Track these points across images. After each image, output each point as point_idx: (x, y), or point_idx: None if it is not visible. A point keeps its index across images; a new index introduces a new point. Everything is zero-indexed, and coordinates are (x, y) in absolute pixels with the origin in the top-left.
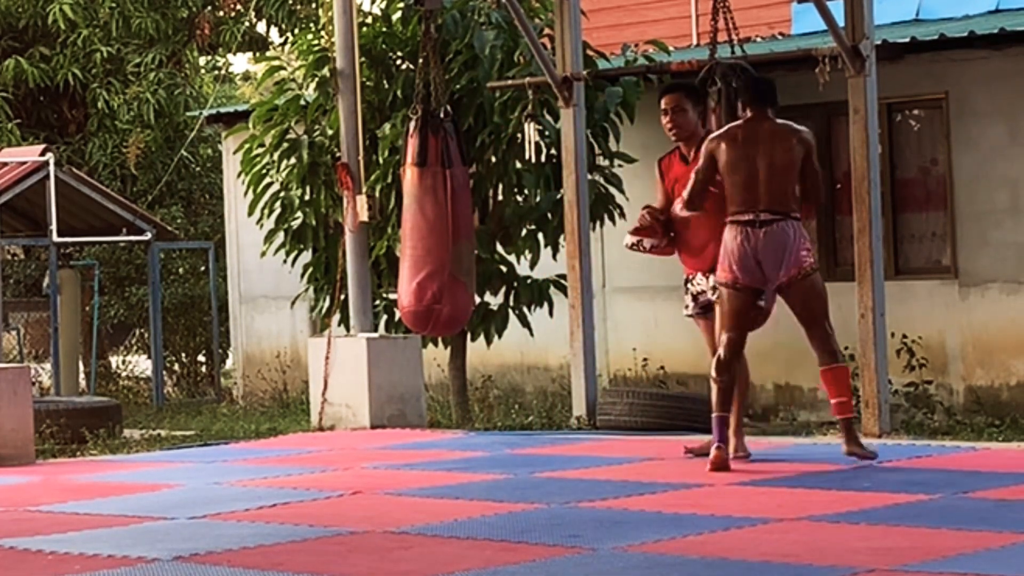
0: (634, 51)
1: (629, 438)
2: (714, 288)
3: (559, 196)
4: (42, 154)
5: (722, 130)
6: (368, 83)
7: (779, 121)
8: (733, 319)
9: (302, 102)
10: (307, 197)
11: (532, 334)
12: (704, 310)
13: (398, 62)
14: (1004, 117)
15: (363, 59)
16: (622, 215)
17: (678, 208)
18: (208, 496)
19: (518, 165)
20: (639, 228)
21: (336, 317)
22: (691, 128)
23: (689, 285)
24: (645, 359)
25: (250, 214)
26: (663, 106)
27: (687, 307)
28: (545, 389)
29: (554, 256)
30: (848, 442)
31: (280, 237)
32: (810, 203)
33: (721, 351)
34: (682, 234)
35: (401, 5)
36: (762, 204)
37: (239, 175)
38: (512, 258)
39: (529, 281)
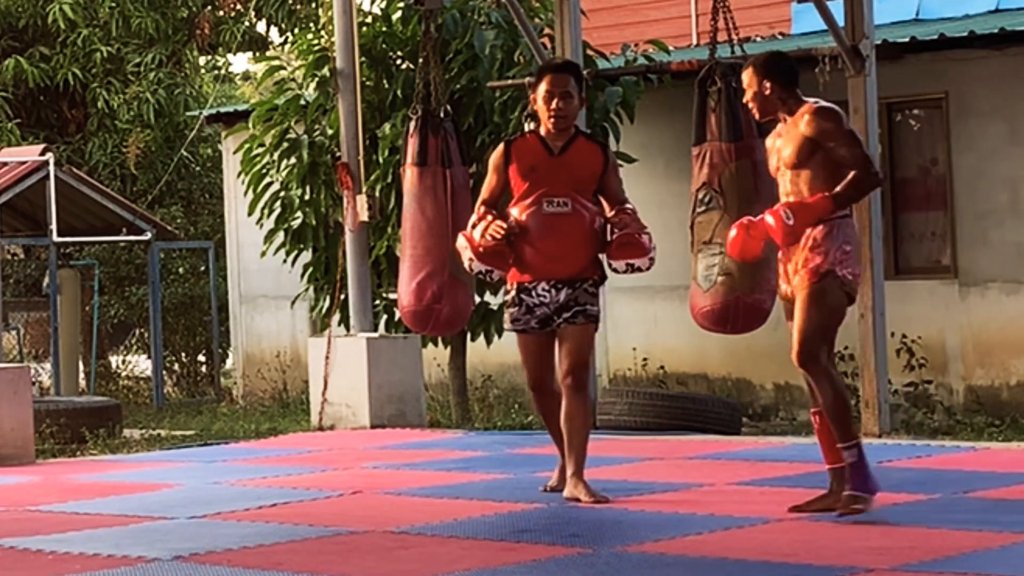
0: (634, 51)
1: (629, 438)
2: (584, 302)
3: None
4: (42, 154)
5: (832, 107)
6: (368, 83)
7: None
8: (836, 329)
9: (302, 102)
10: (307, 197)
11: None
12: (542, 325)
13: (398, 62)
14: (1004, 117)
15: (363, 59)
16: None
17: (608, 217)
18: (208, 496)
19: None
20: (487, 255)
21: (336, 317)
22: (574, 117)
23: (527, 296)
24: (645, 359)
25: (250, 214)
26: (552, 87)
27: (517, 321)
28: None
29: None
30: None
31: (280, 237)
32: None
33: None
34: (543, 238)
35: (401, 5)
36: None
37: (239, 175)
38: None
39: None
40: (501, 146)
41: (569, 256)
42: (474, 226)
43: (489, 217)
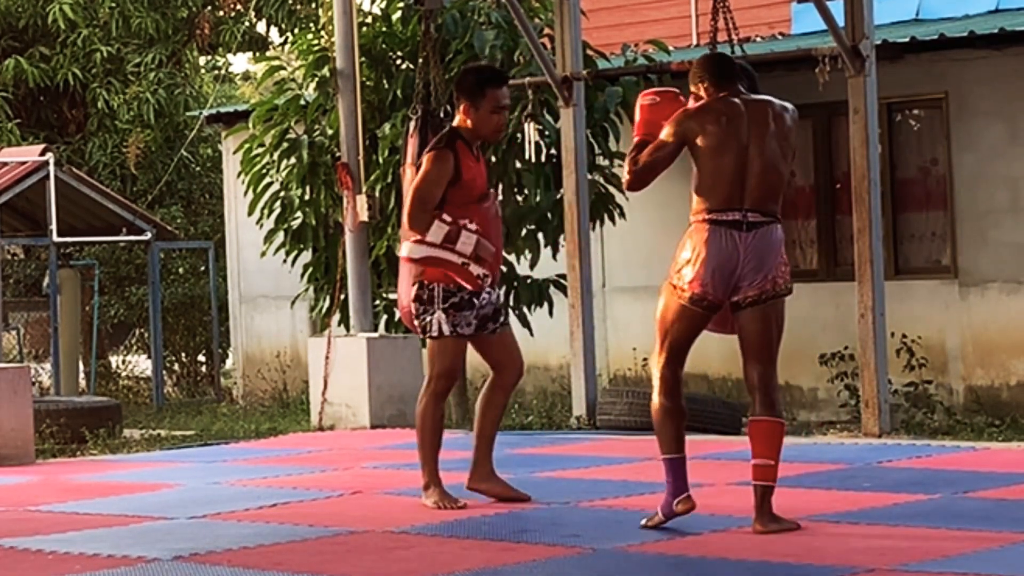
0: (634, 51)
1: (629, 438)
2: (501, 303)
3: (559, 196)
4: (42, 154)
5: (699, 106)
6: (368, 83)
7: (762, 97)
8: (685, 344)
9: (302, 102)
10: (307, 197)
11: (532, 334)
12: (480, 328)
13: (398, 62)
14: (1004, 117)
15: (363, 59)
16: (622, 215)
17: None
18: (208, 496)
19: (518, 165)
20: (485, 262)
21: (336, 317)
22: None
23: (476, 299)
24: (645, 359)
25: (250, 214)
26: (503, 100)
27: (469, 325)
28: (545, 389)
29: (554, 256)
30: (760, 518)
31: (280, 237)
32: None
33: (663, 385)
34: (495, 239)
35: (401, 5)
36: (749, 202)
37: (239, 175)
38: (512, 258)
39: (529, 281)
40: (444, 151)
41: (500, 258)
42: (452, 236)
43: (471, 227)
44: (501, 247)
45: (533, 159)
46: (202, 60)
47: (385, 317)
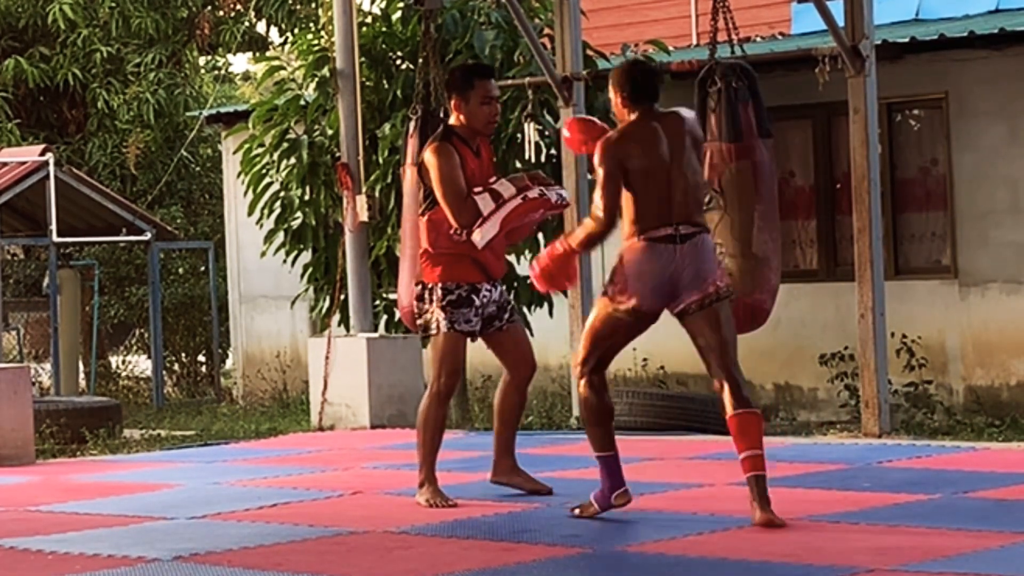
0: (634, 51)
1: (629, 438)
2: (509, 300)
3: None
4: (42, 154)
5: (620, 132)
6: (368, 83)
7: (672, 110)
8: (616, 353)
9: (302, 102)
10: (307, 197)
11: (532, 334)
12: (485, 326)
13: (398, 62)
14: (1004, 117)
15: (363, 59)
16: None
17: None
18: (208, 496)
19: (518, 165)
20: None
21: (336, 317)
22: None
23: (476, 296)
24: (645, 359)
25: (250, 214)
26: (492, 92)
27: (469, 322)
28: (545, 389)
29: None
30: (763, 506)
31: (280, 237)
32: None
33: (592, 389)
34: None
35: (401, 5)
36: (679, 216)
37: (239, 175)
38: (512, 258)
39: (529, 281)
40: (442, 144)
41: (503, 254)
42: (496, 195)
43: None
44: (503, 245)
45: (533, 159)
46: (202, 60)
47: (385, 317)
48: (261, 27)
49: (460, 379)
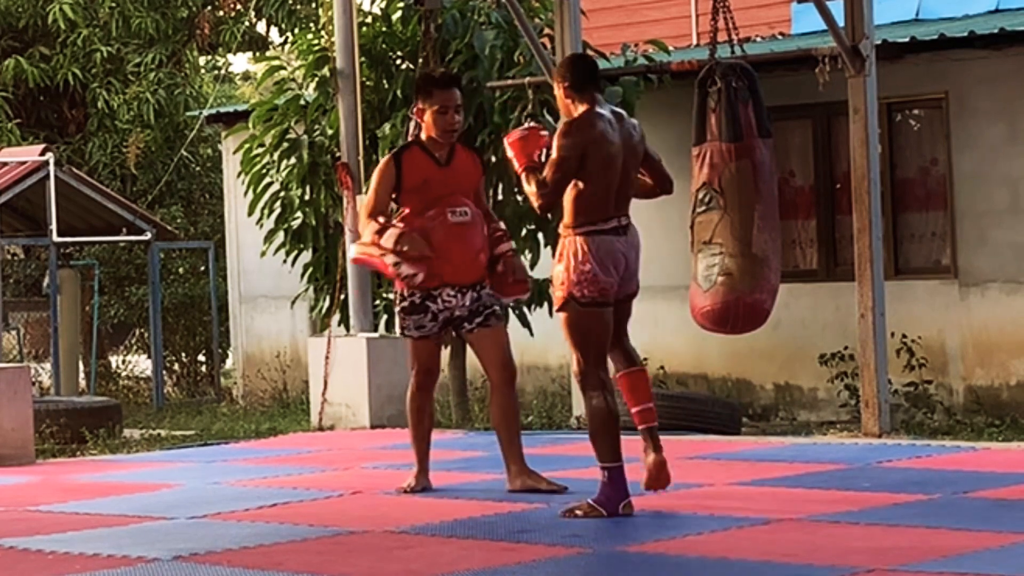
0: (634, 51)
1: (629, 438)
2: (490, 304)
3: None
4: (42, 154)
5: (586, 121)
6: (368, 83)
7: (615, 109)
8: (601, 343)
9: (302, 102)
10: (307, 197)
11: (532, 334)
12: (442, 329)
13: (398, 62)
14: (1004, 117)
15: (363, 59)
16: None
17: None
18: (208, 496)
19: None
20: (414, 259)
21: (336, 317)
22: (460, 128)
23: (431, 303)
24: (645, 359)
25: (250, 214)
26: (448, 102)
27: (422, 327)
28: (545, 389)
29: (554, 256)
30: (657, 450)
31: (280, 237)
32: (667, 191)
33: (600, 390)
34: (450, 246)
35: (401, 5)
36: (622, 208)
37: (239, 175)
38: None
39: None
40: (389, 159)
41: (472, 262)
42: (378, 234)
43: (399, 226)
44: (468, 253)
45: None
46: (202, 60)
47: (385, 317)
48: (261, 27)
49: (435, 376)
